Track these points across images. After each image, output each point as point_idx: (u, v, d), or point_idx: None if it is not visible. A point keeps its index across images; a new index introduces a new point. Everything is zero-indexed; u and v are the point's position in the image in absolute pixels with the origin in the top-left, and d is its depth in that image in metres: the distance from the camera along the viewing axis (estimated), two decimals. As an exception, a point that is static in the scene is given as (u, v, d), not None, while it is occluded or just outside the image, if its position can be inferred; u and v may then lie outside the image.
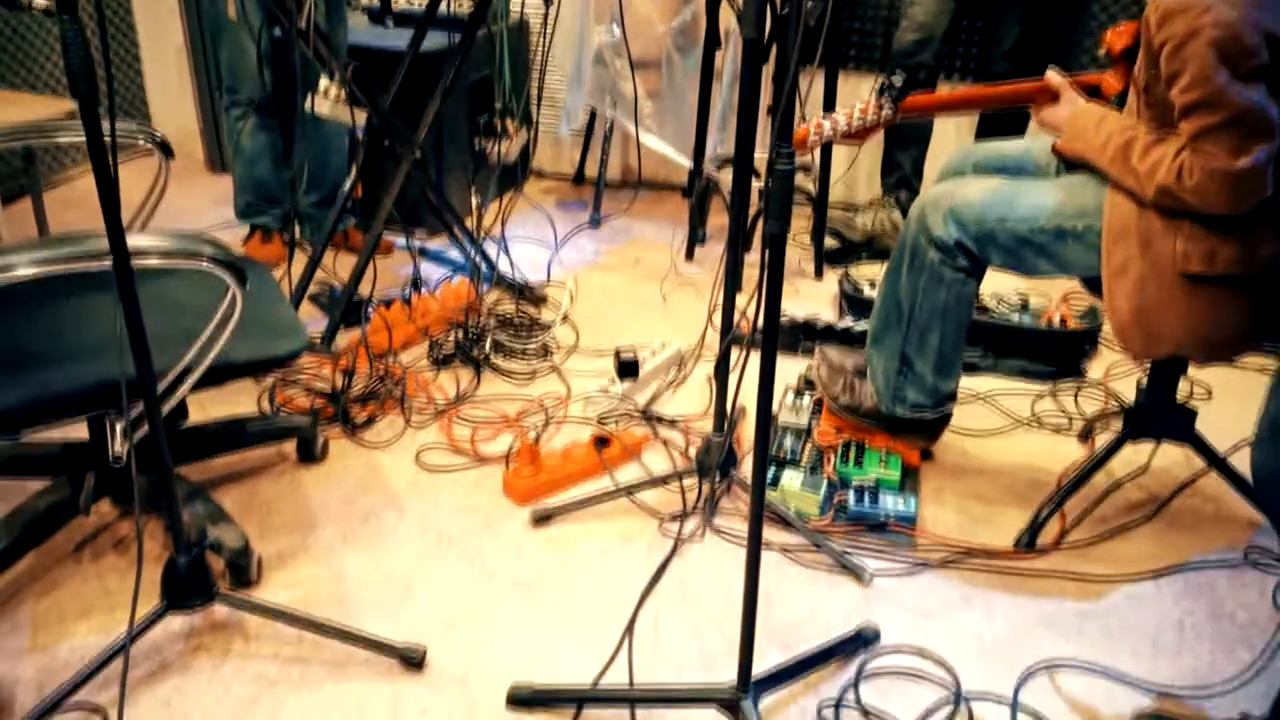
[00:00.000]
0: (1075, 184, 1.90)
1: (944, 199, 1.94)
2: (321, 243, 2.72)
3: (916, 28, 3.08)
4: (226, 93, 2.94)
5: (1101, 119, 1.83)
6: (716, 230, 3.46)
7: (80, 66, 1.30)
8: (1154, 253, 1.74)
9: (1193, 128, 1.63)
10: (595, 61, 3.43)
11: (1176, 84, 1.64)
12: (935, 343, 2.04)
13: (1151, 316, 1.77)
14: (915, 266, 1.98)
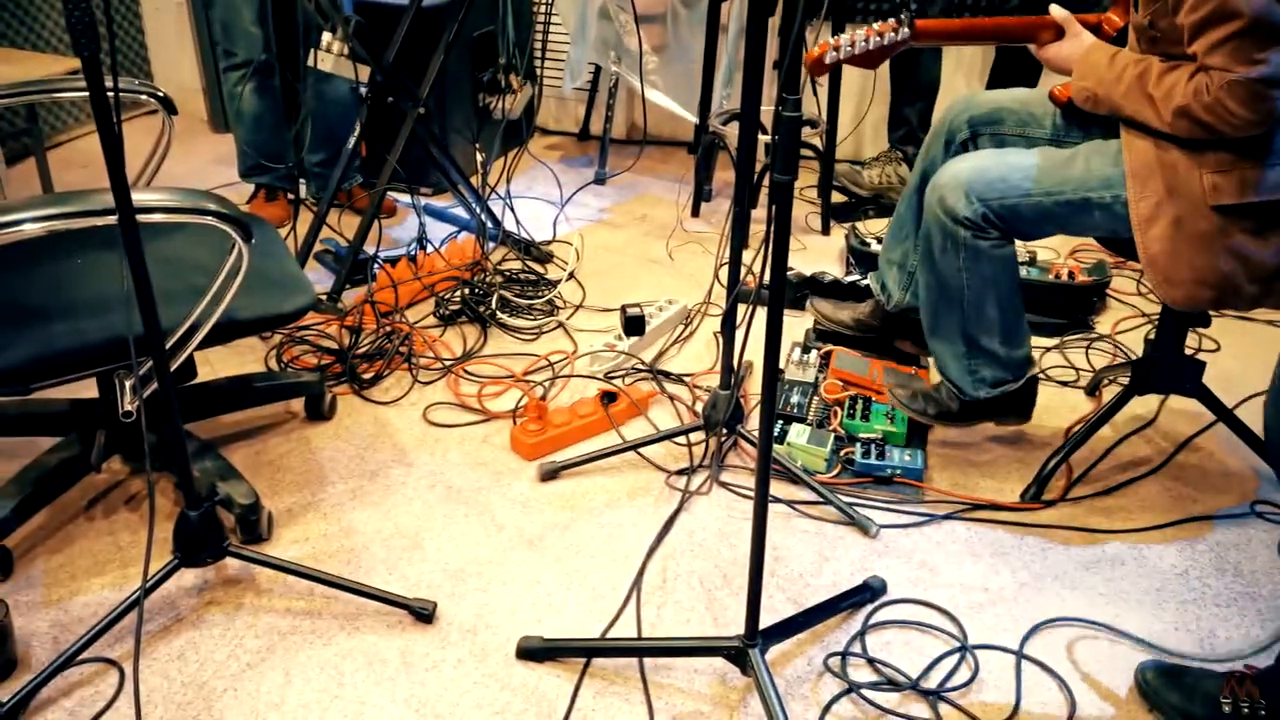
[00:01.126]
0: (1092, 152, 1.86)
1: (960, 176, 1.88)
2: (327, 201, 2.71)
3: None
4: (223, 55, 2.91)
5: (1114, 54, 1.80)
6: (723, 186, 3.44)
7: (82, 23, 1.29)
8: (1182, 192, 1.71)
9: (1205, 44, 1.61)
10: (599, 16, 3.38)
11: (1184, 6, 1.61)
12: (994, 314, 1.96)
13: (1191, 258, 1.73)
14: (950, 248, 1.91)
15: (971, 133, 2.09)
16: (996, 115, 2.08)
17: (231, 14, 2.80)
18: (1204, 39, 1.60)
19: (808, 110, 3.23)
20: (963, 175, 1.87)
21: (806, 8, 1.30)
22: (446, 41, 2.74)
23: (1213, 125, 1.62)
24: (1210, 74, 1.60)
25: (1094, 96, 1.79)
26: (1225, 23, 1.56)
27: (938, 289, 1.99)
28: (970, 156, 1.93)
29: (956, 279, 1.93)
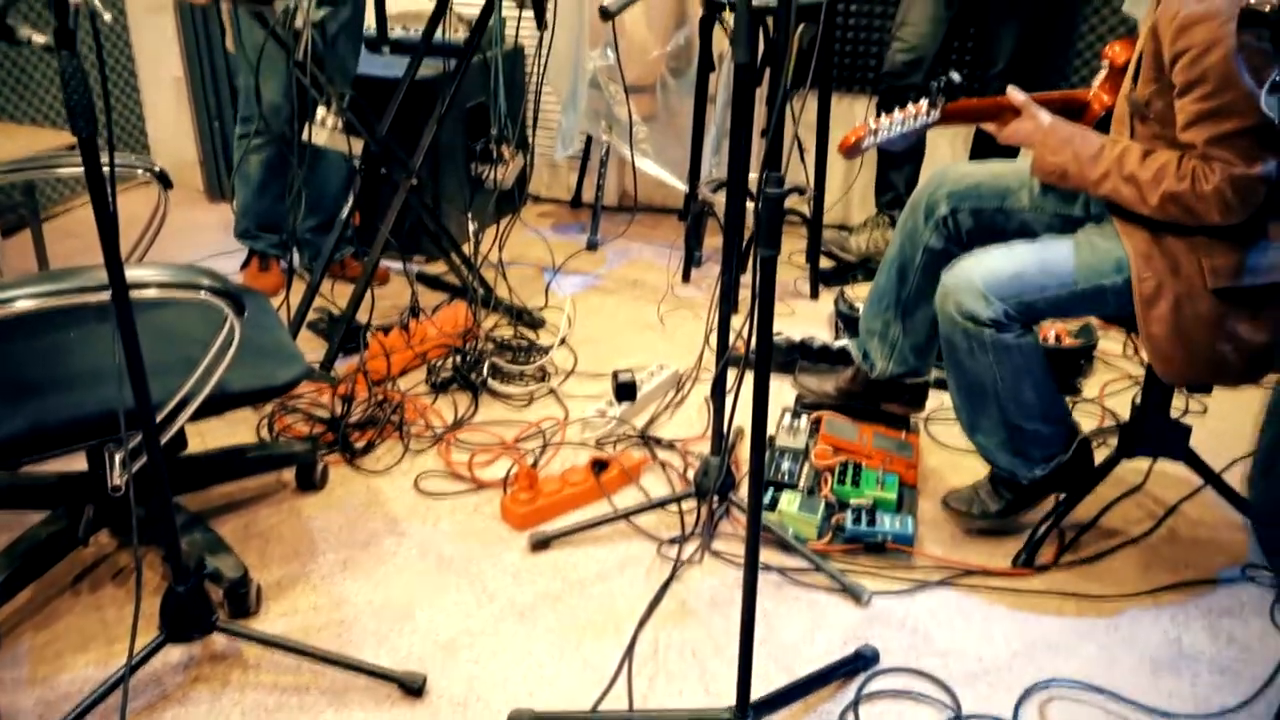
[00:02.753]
0: (1092, 235, 1.89)
1: (974, 280, 1.86)
2: (320, 269, 2.73)
3: (908, 49, 3.11)
4: (241, 122, 2.94)
5: (1084, 131, 1.85)
6: (713, 252, 3.48)
7: (80, 103, 1.31)
8: (1183, 275, 1.75)
9: (1209, 133, 1.65)
10: (590, 86, 3.45)
11: (1193, 92, 1.66)
12: (1032, 397, 1.94)
13: (1191, 338, 1.77)
14: (977, 349, 1.89)
15: (951, 207, 2.12)
16: (974, 190, 2.11)
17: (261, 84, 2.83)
18: (1209, 128, 1.64)
19: (795, 177, 3.28)
20: (976, 279, 1.86)
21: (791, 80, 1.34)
22: (440, 113, 2.80)
23: (1202, 213, 1.67)
24: (1210, 164, 1.65)
25: (1064, 173, 1.83)
26: (1236, 118, 1.60)
27: (971, 390, 1.96)
28: (977, 257, 1.92)
29: (989, 375, 1.91)
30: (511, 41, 3.61)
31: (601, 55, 3.37)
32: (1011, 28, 3.06)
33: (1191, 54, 1.62)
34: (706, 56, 3.12)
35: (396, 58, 3.33)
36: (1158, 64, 1.70)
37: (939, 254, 2.16)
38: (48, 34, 1.34)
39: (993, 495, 2.09)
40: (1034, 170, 1.90)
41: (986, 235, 2.14)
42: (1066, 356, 2.67)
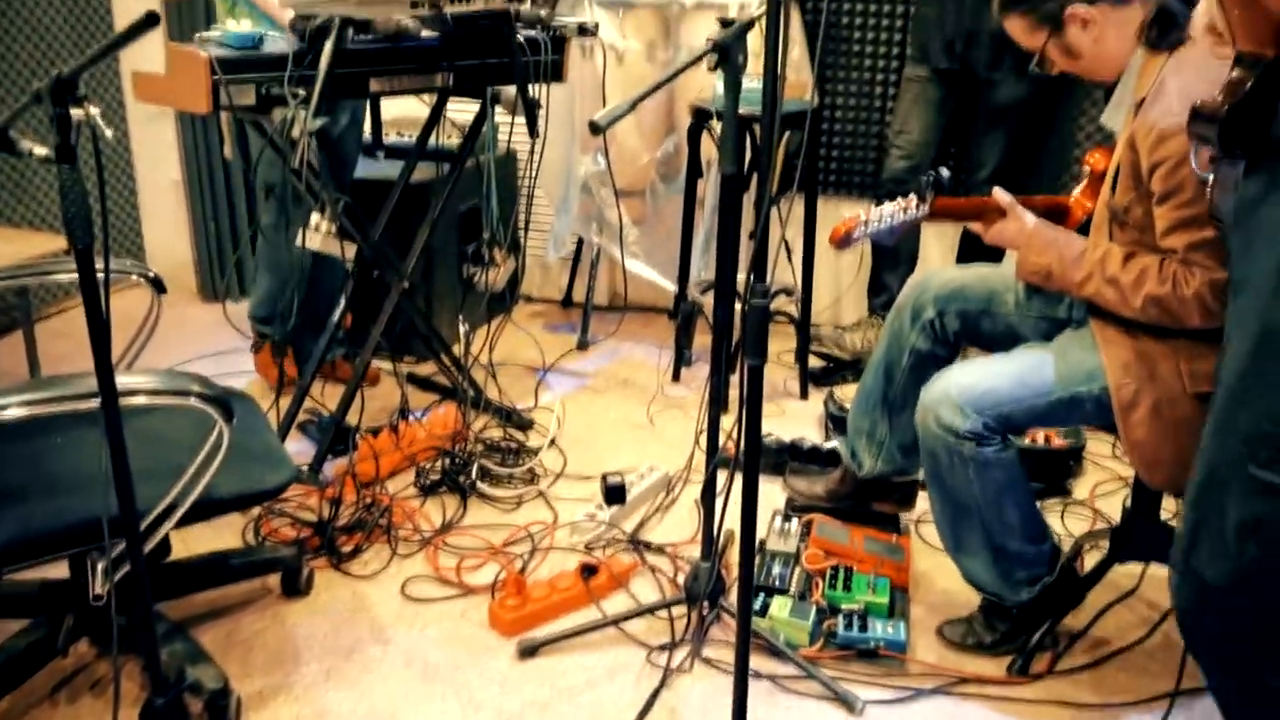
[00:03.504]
0: (1070, 345, 1.91)
1: (950, 393, 1.88)
2: (310, 372, 2.74)
3: (906, 156, 3.18)
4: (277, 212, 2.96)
5: (1068, 235, 1.89)
6: (703, 351, 3.50)
7: (77, 215, 1.34)
8: (1161, 379, 1.77)
9: (1186, 241, 1.69)
10: (582, 190, 3.52)
11: (1171, 200, 1.70)
12: (1014, 516, 1.94)
13: (1173, 443, 1.77)
14: (957, 463, 1.89)
15: (938, 310, 2.15)
16: (960, 293, 2.15)
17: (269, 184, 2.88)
18: (1187, 235, 1.68)
19: (784, 278, 3.33)
20: (953, 392, 1.87)
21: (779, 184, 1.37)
22: (433, 217, 2.85)
23: (1184, 316, 1.70)
24: (1191, 269, 1.68)
25: (1048, 274, 1.87)
26: (1214, 225, 1.64)
27: (953, 507, 1.96)
28: (954, 371, 1.94)
29: (969, 491, 1.90)
30: (504, 147, 3.69)
31: (593, 161, 3.45)
32: (999, 135, 3.14)
33: (1168, 165, 1.67)
34: (695, 163, 3.19)
35: (391, 162, 3.41)
36: (1135, 173, 1.74)
37: (926, 355, 2.18)
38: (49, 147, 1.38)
39: (986, 627, 2.06)
40: (1019, 271, 1.93)
41: (973, 337, 2.17)
42: (1055, 457, 2.67)
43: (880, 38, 3.50)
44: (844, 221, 1.91)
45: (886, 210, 1.91)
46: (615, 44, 3.38)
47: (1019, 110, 3.09)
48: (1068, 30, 1.86)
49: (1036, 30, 1.89)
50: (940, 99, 3.15)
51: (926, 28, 3.13)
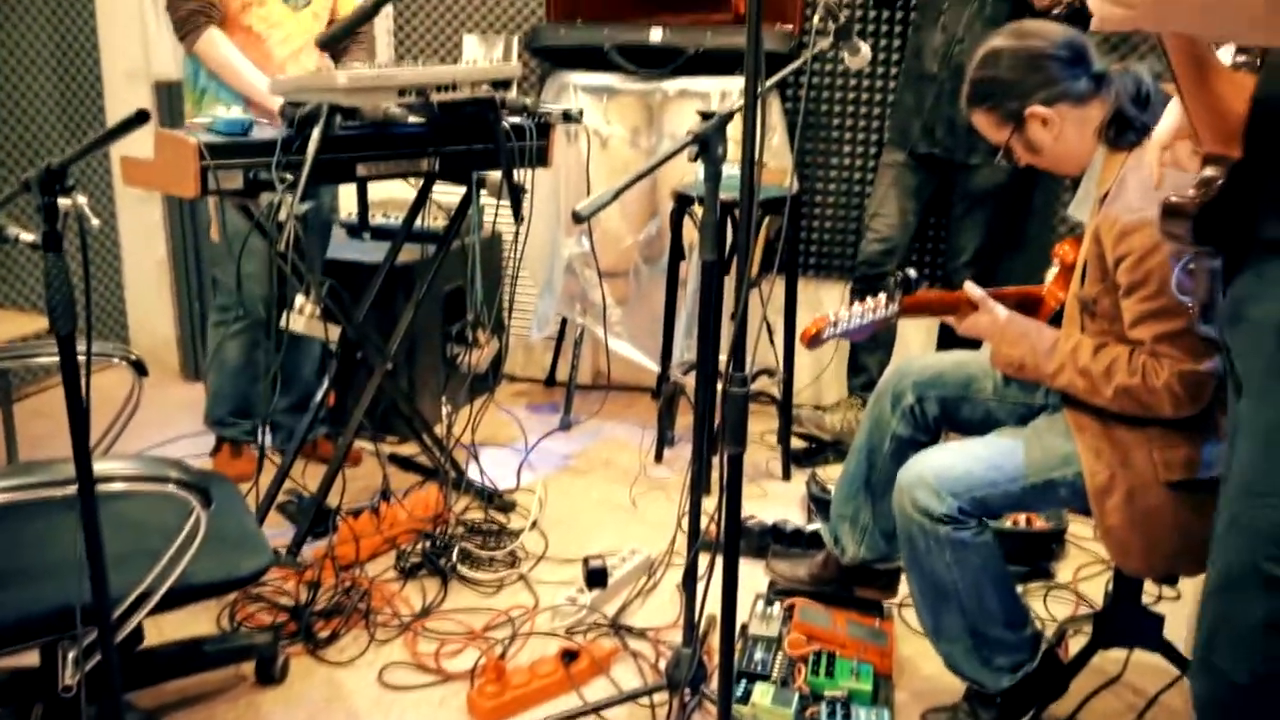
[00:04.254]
0: (1046, 430, 1.93)
1: (926, 476, 1.88)
2: (292, 452, 2.73)
3: (881, 239, 3.23)
4: (218, 310, 3.00)
5: (1038, 327, 1.92)
6: (685, 431, 3.51)
7: (61, 303, 1.35)
8: (1134, 466, 1.78)
9: (1154, 332, 1.72)
10: (566, 271, 3.56)
11: (1137, 293, 1.73)
12: (994, 602, 1.92)
13: (1146, 531, 1.78)
14: (934, 547, 1.89)
15: (917, 395, 2.17)
16: (939, 379, 2.17)
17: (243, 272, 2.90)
18: (1154, 327, 1.72)
19: (765, 359, 3.36)
20: (929, 475, 1.88)
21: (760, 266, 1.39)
22: (417, 298, 2.87)
23: (1155, 406, 1.72)
24: (1159, 360, 1.71)
25: (1022, 365, 1.89)
26: (1181, 317, 1.67)
27: (932, 591, 1.95)
28: (930, 454, 1.95)
29: (948, 576, 1.89)
30: (490, 228, 3.74)
31: (577, 243, 3.49)
32: (978, 220, 3.20)
33: (1133, 258, 1.70)
34: (677, 246, 3.24)
35: (376, 243, 3.44)
36: (1102, 265, 1.78)
37: (906, 441, 2.19)
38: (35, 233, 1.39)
39: (971, 715, 2.04)
40: (993, 362, 1.96)
41: (953, 423, 2.19)
42: (1037, 540, 2.67)
43: (859, 124, 3.58)
44: (815, 321, 1.95)
45: (856, 310, 1.95)
46: (599, 129, 3.45)
47: (997, 195, 3.16)
48: (1029, 127, 1.92)
49: (1001, 126, 1.96)
50: (917, 184, 3.21)
51: (905, 113, 3.21)
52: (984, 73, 1.96)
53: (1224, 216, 1.14)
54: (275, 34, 2.79)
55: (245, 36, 2.73)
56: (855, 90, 3.55)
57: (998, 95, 1.94)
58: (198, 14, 2.66)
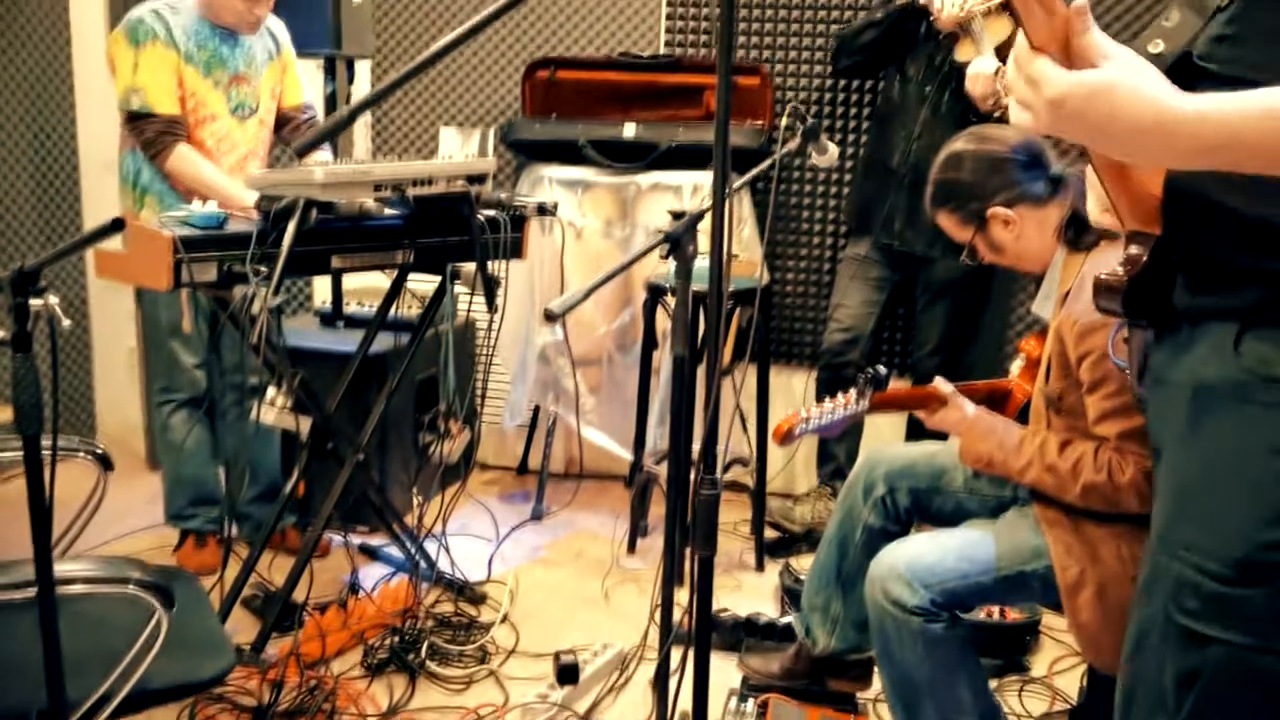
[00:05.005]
0: (1012, 523, 1.94)
1: (898, 567, 1.89)
2: (259, 544, 2.69)
3: (844, 329, 3.28)
4: (160, 393, 2.99)
5: (1006, 423, 1.94)
6: (658, 521, 3.49)
7: (28, 403, 1.34)
8: (1103, 561, 1.79)
9: (1118, 429, 1.74)
10: (539, 359, 3.57)
11: (1099, 391, 1.76)
12: (967, 697, 1.91)
13: (1117, 626, 1.75)
14: (906, 640, 1.88)
15: (888, 486, 2.18)
16: (909, 470, 2.18)
17: (174, 356, 2.91)
18: (1118, 424, 1.74)
19: (738, 447, 3.36)
20: (900, 566, 1.88)
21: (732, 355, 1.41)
22: (390, 388, 2.86)
23: (1122, 503, 1.74)
24: (1125, 456, 1.74)
25: (990, 461, 1.91)
26: (1140, 414, 1.70)
27: (904, 685, 1.93)
28: (901, 545, 1.96)
29: (920, 670, 1.88)
30: (464, 316, 3.75)
31: (550, 331, 3.51)
32: (940, 310, 3.25)
33: (1094, 356, 1.74)
34: (650, 335, 3.26)
35: (350, 332, 3.44)
36: (1065, 362, 1.81)
37: (878, 532, 2.19)
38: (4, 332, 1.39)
39: None
40: (961, 457, 1.97)
41: (924, 514, 2.20)
42: (1010, 632, 2.66)
43: (828, 216, 3.66)
44: (786, 419, 1.97)
45: (827, 407, 1.97)
46: (574, 221, 3.50)
47: (957, 286, 3.22)
48: (992, 228, 1.98)
49: (964, 226, 2.01)
50: (879, 275, 3.27)
51: (865, 202, 3.28)
52: (947, 175, 2.02)
53: (1149, 290, 1.20)
54: (224, 145, 2.85)
55: (199, 150, 2.78)
56: (824, 184, 3.63)
57: (961, 197, 2.00)
58: (165, 134, 2.71)
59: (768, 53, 3.63)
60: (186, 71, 2.74)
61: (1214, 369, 1.14)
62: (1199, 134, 0.98)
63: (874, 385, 1.96)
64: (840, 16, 3.54)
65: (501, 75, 3.88)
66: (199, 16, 2.77)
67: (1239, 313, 1.12)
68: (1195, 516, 1.17)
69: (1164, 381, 1.24)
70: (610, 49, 3.76)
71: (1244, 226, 1.11)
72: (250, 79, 2.88)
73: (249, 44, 2.87)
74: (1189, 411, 1.17)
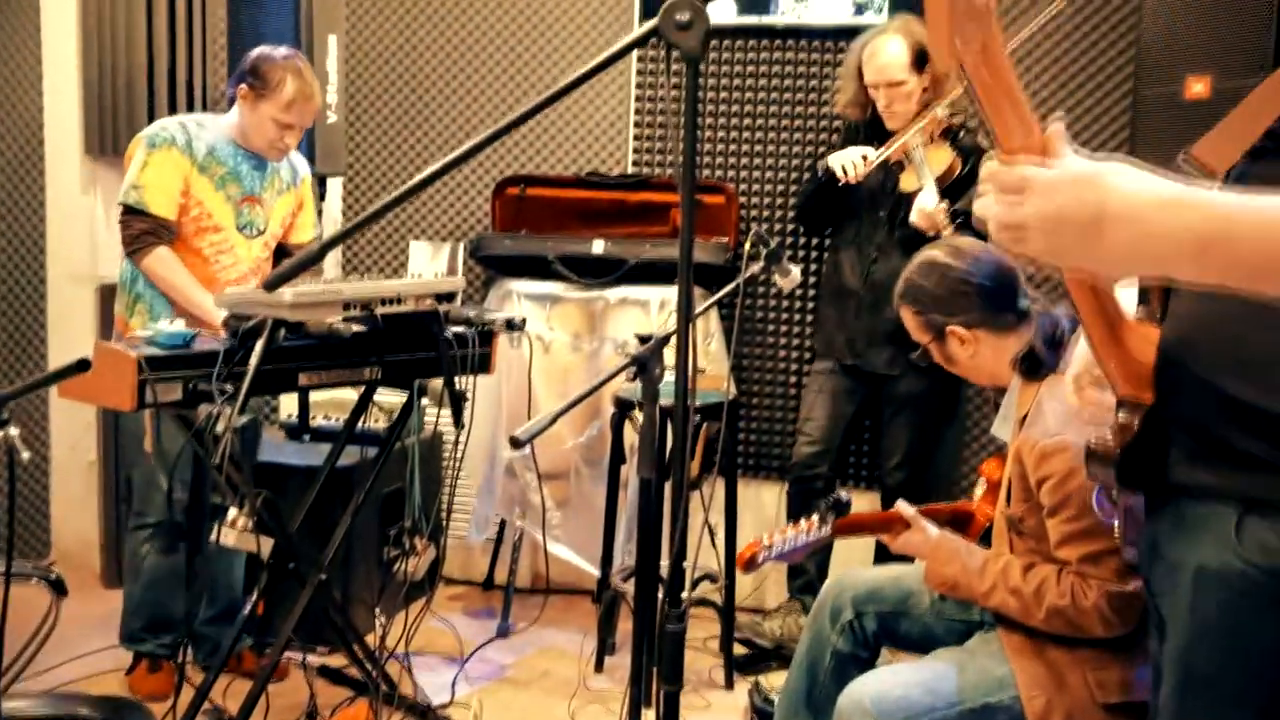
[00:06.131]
0: (977, 652, 1.94)
1: (864, 702, 1.87)
2: (215, 670, 2.61)
3: (813, 443, 3.30)
4: (134, 516, 2.94)
5: (969, 547, 1.95)
6: (625, 638, 3.43)
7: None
8: (1070, 690, 1.78)
9: (1079, 553, 1.75)
10: (505, 473, 3.55)
11: (1060, 514, 1.77)
12: None
13: None
14: None
15: (856, 611, 2.17)
16: (876, 593, 2.18)
17: (151, 477, 2.86)
18: (1079, 548, 1.76)
19: (706, 561, 3.33)
20: (866, 701, 1.87)
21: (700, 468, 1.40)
22: (356, 505, 2.83)
23: (1086, 627, 1.74)
24: (1087, 580, 1.74)
25: (955, 585, 1.91)
26: (1104, 538, 1.72)
27: None
28: (868, 680, 1.95)
29: None
30: (430, 429, 3.74)
31: (517, 445, 3.49)
32: (903, 424, 3.28)
33: (1053, 481, 1.76)
34: (618, 449, 3.26)
35: (316, 445, 3.41)
36: (1025, 485, 1.83)
37: (846, 657, 2.17)
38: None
39: None
40: (926, 580, 1.97)
41: (892, 638, 2.18)
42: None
43: (793, 330, 3.71)
44: (749, 545, 1.98)
45: (790, 534, 1.98)
46: (542, 335, 3.53)
47: (922, 400, 3.26)
48: (948, 341, 2.02)
49: (923, 330, 2.06)
50: (845, 390, 3.31)
51: (828, 326, 3.35)
52: (917, 279, 2.05)
53: (1142, 459, 1.18)
54: (224, 259, 2.86)
55: (194, 258, 2.80)
56: (791, 298, 3.69)
57: (924, 304, 2.03)
58: (148, 234, 2.73)
59: (733, 171, 3.73)
60: (197, 180, 2.77)
61: (1214, 553, 1.11)
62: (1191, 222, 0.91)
63: (836, 511, 1.97)
64: (804, 138, 3.66)
65: (472, 191, 3.95)
66: (229, 138, 2.83)
67: (1241, 497, 1.09)
68: (1200, 709, 1.15)
69: (1163, 556, 1.20)
70: (579, 167, 3.85)
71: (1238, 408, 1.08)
72: (264, 202, 2.92)
73: (269, 170, 2.91)
74: (1191, 594, 1.14)
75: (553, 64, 3.84)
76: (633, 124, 3.83)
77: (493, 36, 3.87)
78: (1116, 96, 3.40)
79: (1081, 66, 3.44)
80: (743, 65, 3.69)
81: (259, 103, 2.76)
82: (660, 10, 1.26)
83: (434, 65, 3.93)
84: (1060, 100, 3.46)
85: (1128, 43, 3.32)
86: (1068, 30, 3.44)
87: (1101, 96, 3.43)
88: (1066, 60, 3.45)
